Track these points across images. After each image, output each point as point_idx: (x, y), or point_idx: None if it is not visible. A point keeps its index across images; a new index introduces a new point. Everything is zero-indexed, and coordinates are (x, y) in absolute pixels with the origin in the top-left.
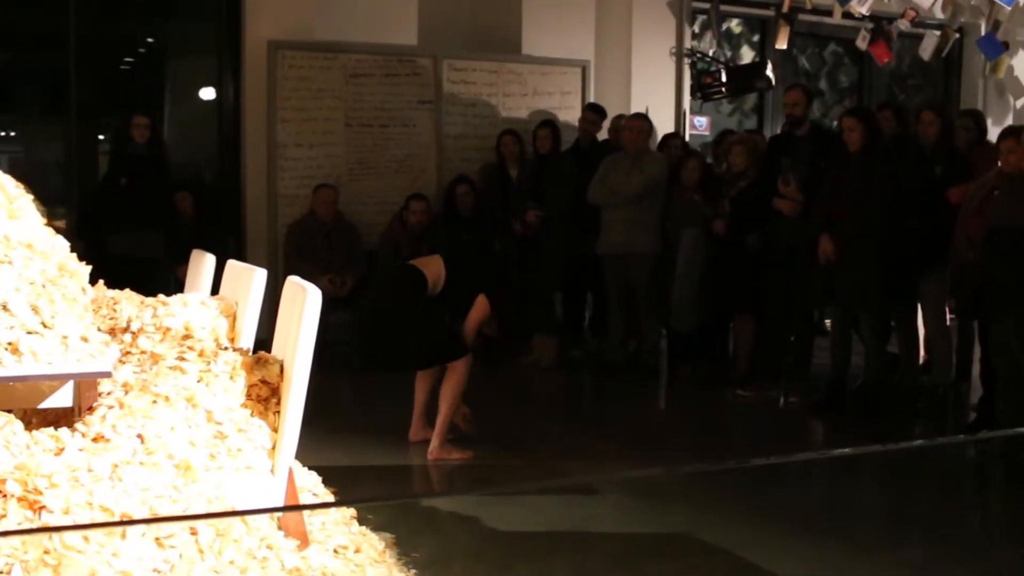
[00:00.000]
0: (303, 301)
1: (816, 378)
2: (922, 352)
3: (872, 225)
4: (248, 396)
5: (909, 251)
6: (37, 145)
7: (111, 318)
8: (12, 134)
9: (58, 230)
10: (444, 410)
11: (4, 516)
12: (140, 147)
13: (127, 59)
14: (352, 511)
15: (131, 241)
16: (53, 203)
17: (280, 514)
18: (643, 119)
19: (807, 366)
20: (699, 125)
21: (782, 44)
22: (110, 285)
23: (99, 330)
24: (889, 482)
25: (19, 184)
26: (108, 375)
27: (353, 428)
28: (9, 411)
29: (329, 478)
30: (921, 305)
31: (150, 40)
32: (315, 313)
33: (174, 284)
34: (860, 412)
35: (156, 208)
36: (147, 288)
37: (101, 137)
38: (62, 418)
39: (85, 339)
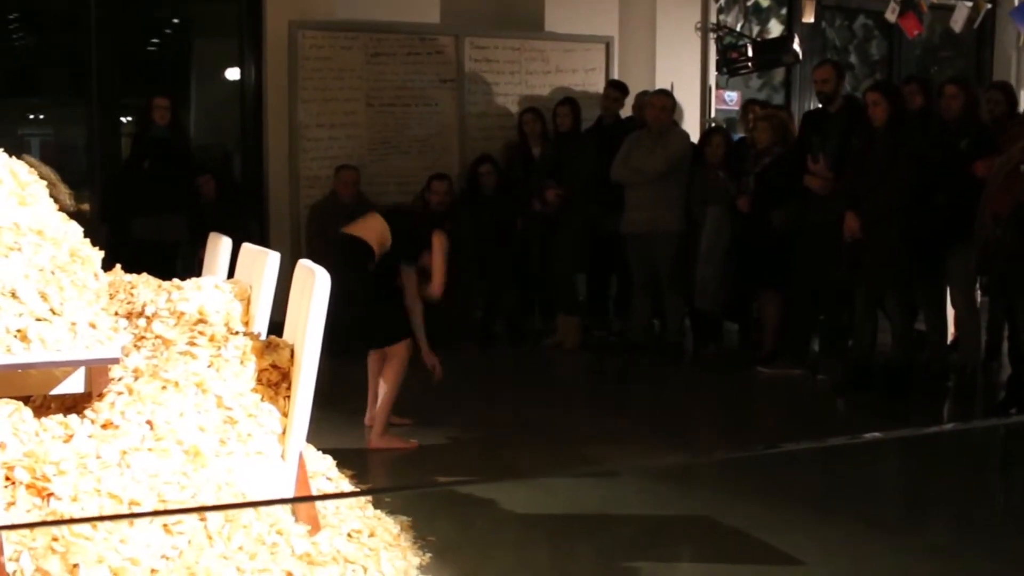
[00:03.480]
0: (312, 285)
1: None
2: (951, 330)
3: (897, 201)
4: (258, 381)
5: (935, 227)
6: (64, 128)
7: (128, 302)
8: (42, 117)
9: (83, 213)
10: (384, 397)
11: (13, 503)
12: (161, 129)
13: (153, 40)
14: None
15: (154, 224)
16: (78, 186)
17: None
18: (666, 96)
19: (842, 344)
20: (729, 100)
21: (809, 18)
22: (133, 268)
23: (116, 314)
24: (914, 463)
25: (40, 167)
26: (116, 361)
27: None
28: (27, 397)
29: (344, 461)
30: (948, 282)
31: (175, 21)
32: (324, 297)
33: (197, 267)
34: (887, 391)
35: (178, 191)
36: (171, 271)
37: (125, 120)
38: (79, 403)
39: (93, 325)
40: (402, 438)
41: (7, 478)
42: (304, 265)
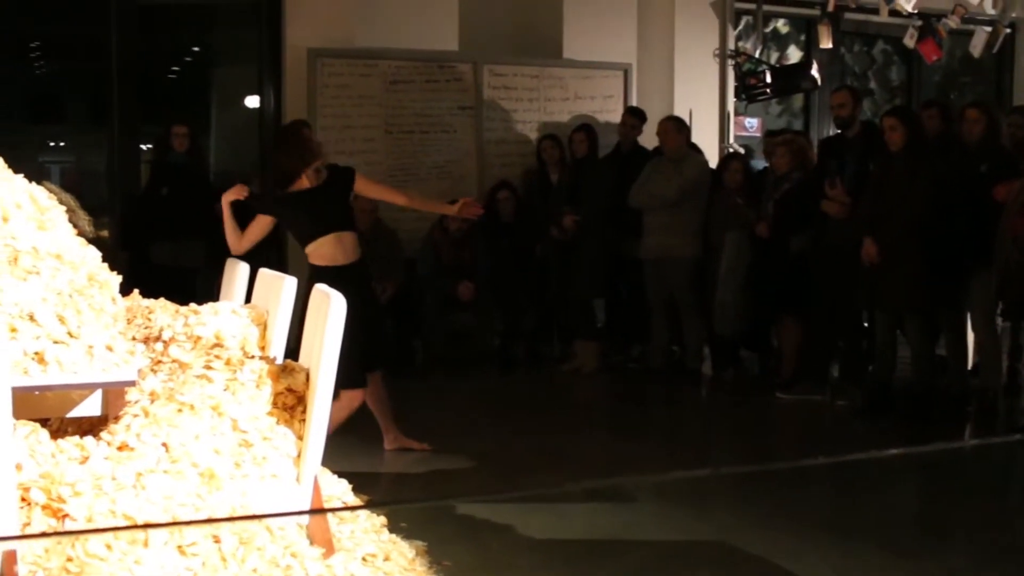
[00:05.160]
0: (328, 309)
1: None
2: (972, 354)
3: (916, 225)
4: (274, 404)
5: (954, 251)
6: (85, 155)
7: (146, 327)
8: (63, 144)
9: (103, 240)
10: (380, 413)
11: (28, 524)
12: (180, 156)
13: (174, 68)
14: (383, 519)
15: (172, 250)
16: (98, 213)
17: (306, 521)
18: (671, 120)
19: (862, 369)
20: (750, 126)
21: (826, 44)
22: (152, 294)
23: (133, 339)
24: (933, 487)
25: (59, 194)
26: (132, 384)
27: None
28: (45, 420)
29: (361, 485)
30: (969, 307)
31: (196, 49)
32: (340, 321)
33: (216, 293)
34: (907, 416)
35: (197, 217)
36: (190, 297)
37: (145, 147)
38: (97, 427)
39: (110, 348)
40: (416, 441)
41: (23, 499)
42: (320, 290)
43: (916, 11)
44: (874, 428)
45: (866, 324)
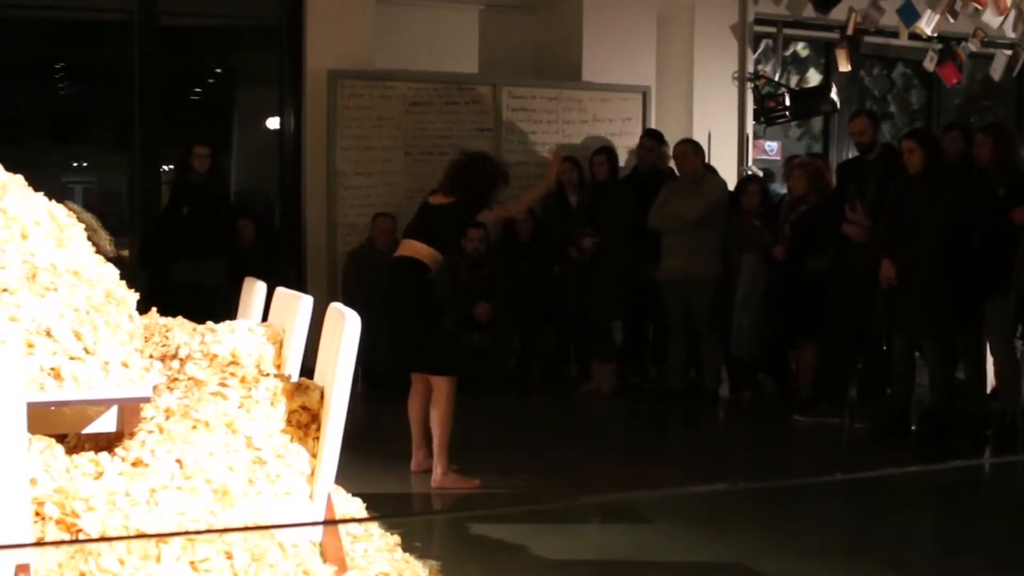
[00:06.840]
0: (343, 328)
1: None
2: (990, 378)
3: (934, 248)
4: (288, 422)
5: (973, 274)
6: (108, 175)
7: (163, 345)
8: (86, 164)
9: (123, 259)
10: (439, 435)
11: (42, 538)
12: (201, 176)
13: (196, 89)
14: (396, 537)
15: (193, 269)
16: (119, 232)
17: (319, 539)
18: (686, 142)
19: (880, 392)
20: (770, 150)
21: (845, 67)
22: (172, 312)
23: (151, 356)
24: (950, 510)
25: (81, 214)
26: (147, 400)
27: (405, 455)
28: (63, 436)
29: (376, 505)
30: (987, 330)
31: (218, 71)
32: (354, 339)
33: (234, 312)
34: (924, 439)
35: (217, 236)
36: (209, 315)
37: (168, 168)
38: (113, 444)
39: (126, 365)
40: (465, 478)
41: (37, 513)
42: (335, 308)
43: (936, 34)
44: (892, 451)
45: (884, 347)
